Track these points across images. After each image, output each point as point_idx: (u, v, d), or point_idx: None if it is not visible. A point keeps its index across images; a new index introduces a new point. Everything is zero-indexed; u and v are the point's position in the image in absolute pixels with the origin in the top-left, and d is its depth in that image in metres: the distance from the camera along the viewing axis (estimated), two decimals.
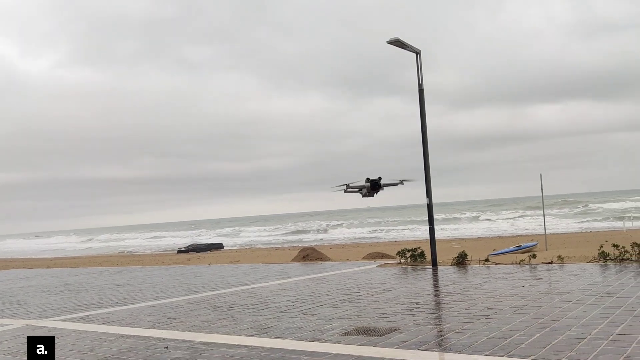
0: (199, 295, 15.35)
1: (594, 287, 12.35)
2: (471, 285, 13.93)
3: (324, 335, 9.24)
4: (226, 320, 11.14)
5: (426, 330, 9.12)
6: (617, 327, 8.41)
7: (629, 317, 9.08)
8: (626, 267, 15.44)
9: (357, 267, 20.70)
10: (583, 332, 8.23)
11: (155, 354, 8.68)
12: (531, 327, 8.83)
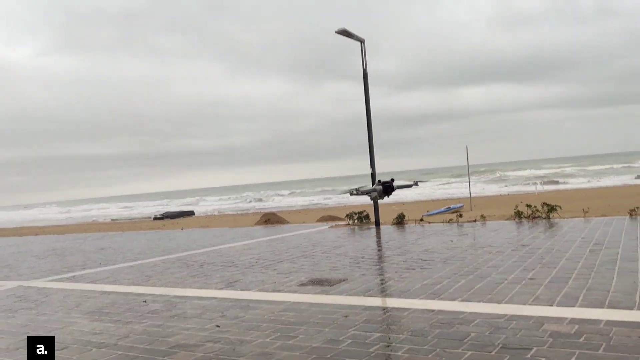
0: (173, 255, 15.23)
1: (511, 241, 12.71)
2: (408, 241, 14.18)
3: (283, 286, 9.31)
4: (197, 277, 11.11)
5: (370, 280, 9.28)
6: (529, 273, 8.71)
7: (539, 264, 9.40)
8: (537, 224, 15.92)
9: (311, 228, 20.81)
10: (501, 278, 8.50)
11: (135, 307, 8.62)
12: (458, 274, 9.07)
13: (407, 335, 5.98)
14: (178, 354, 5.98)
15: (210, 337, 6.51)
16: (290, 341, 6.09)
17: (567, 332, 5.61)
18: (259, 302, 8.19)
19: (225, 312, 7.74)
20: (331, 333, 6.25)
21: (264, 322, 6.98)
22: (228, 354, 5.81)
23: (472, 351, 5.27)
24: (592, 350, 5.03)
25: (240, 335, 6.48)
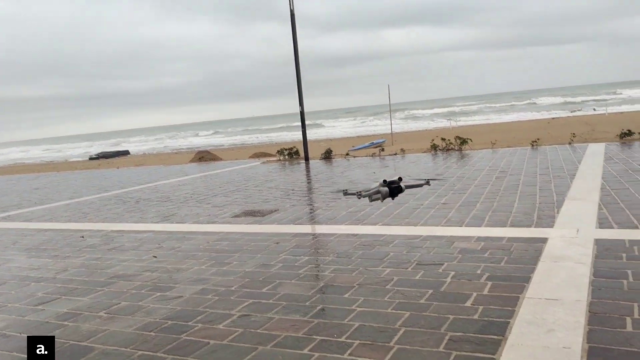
0: (109, 193, 14.79)
1: (427, 171, 13.10)
2: (335, 174, 14.35)
3: (217, 218, 9.27)
4: (134, 212, 10.87)
5: (300, 210, 9.38)
6: (442, 199, 9.05)
7: (451, 191, 9.77)
8: (450, 155, 16.46)
9: (244, 164, 20.66)
10: (418, 204, 8.79)
11: (73, 242, 8.37)
12: (379, 202, 9.29)
13: (333, 257, 6.13)
14: (116, 283, 5.89)
15: (147, 267, 6.44)
16: (225, 267, 6.11)
17: (474, 249, 5.92)
18: (194, 234, 8.14)
19: (161, 244, 7.65)
20: (263, 258, 6.32)
21: (199, 252, 6.96)
22: (165, 282, 5.78)
23: (391, 268, 5.48)
24: (495, 263, 5.34)
25: (176, 264, 6.45)
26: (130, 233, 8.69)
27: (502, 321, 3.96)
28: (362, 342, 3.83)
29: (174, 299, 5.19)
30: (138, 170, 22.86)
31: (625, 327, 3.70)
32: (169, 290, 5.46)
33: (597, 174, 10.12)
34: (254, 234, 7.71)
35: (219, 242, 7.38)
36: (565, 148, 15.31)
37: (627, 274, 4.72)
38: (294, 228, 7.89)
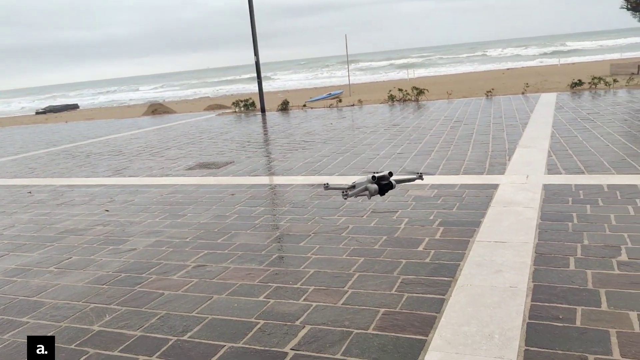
0: (57, 147, 14.31)
1: (384, 121, 13.16)
2: (292, 125, 14.26)
3: (171, 171, 9.12)
4: (84, 167, 10.57)
5: (256, 161, 9.31)
6: (398, 149, 9.13)
7: (407, 141, 9.86)
8: (407, 106, 16.55)
9: (199, 117, 20.27)
10: (374, 154, 8.85)
11: (19, 198, 8.11)
12: (336, 153, 9.32)
13: (289, 207, 6.14)
14: (67, 238, 5.77)
15: (99, 221, 6.32)
16: (179, 219, 6.05)
17: (428, 196, 6.03)
18: (148, 187, 8.00)
19: (114, 198, 7.50)
20: (218, 210, 6.28)
21: (153, 204, 6.86)
22: (118, 235, 5.69)
23: (347, 216, 5.54)
24: (448, 210, 5.46)
25: (129, 218, 6.35)
26: (80, 187, 8.48)
27: (453, 264, 4.08)
28: (317, 287, 3.89)
29: (127, 252, 5.13)
30: (88, 124, 22.16)
31: (569, 266, 3.87)
32: (122, 244, 5.39)
33: (548, 123, 10.38)
34: (208, 186, 7.63)
35: (172, 195, 7.29)
36: (519, 98, 15.59)
37: (573, 217, 4.91)
38: (250, 179, 7.85)
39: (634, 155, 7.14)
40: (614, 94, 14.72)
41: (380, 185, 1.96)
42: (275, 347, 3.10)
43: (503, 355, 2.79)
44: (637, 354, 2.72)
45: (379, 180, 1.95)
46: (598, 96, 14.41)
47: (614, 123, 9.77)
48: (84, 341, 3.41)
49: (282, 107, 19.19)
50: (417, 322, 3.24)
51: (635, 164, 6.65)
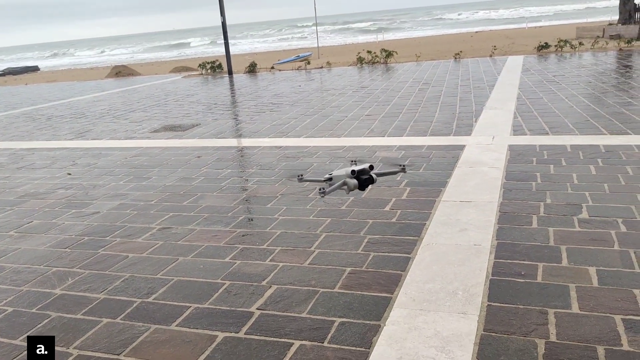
0: (17, 110, 13.83)
1: (352, 84, 13.06)
2: (259, 88, 14.04)
3: (135, 134, 8.91)
4: (45, 129, 10.25)
5: (222, 124, 9.16)
6: (366, 110, 9.09)
7: (375, 103, 9.82)
8: (376, 68, 16.45)
9: (164, 79, 19.79)
10: (342, 116, 8.79)
11: None
12: (304, 115, 9.23)
13: (256, 169, 6.08)
14: (27, 202, 5.61)
15: (61, 185, 6.15)
16: (144, 182, 5.94)
17: (395, 157, 6.03)
18: (111, 150, 7.81)
19: (76, 161, 7.30)
20: (184, 172, 6.18)
21: (117, 168, 6.71)
22: (80, 198, 5.55)
23: None
24: (415, 170, 5.48)
25: (92, 181, 6.19)
26: (41, 151, 8.23)
27: (419, 223, 4.11)
28: (283, 248, 3.87)
29: (90, 215, 5.01)
30: (49, 87, 21.44)
31: (532, 224, 3.93)
32: (85, 207, 5.26)
33: (515, 85, 10.45)
34: (174, 149, 7.49)
35: (137, 158, 7.13)
36: (487, 60, 15.64)
37: (536, 177, 4.98)
38: (217, 142, 7.73)
39: (597, 116, 7.26)
40: (580, 56, 14.88)
41: (360, 180, 1.84)
42: (242, 307, 3.08)
43: (466, 310, 2.84)
44: (595, 308, 2.79)
45: (358, 174, 1.82)
46: (564, 59, 14.55)
47: (579, 85, 9.90)
48: (45, 305, 3.34)
49: (249, 69, 18.86)
50: (382, 281, 3.26)
51: (597, 125, 6.76)
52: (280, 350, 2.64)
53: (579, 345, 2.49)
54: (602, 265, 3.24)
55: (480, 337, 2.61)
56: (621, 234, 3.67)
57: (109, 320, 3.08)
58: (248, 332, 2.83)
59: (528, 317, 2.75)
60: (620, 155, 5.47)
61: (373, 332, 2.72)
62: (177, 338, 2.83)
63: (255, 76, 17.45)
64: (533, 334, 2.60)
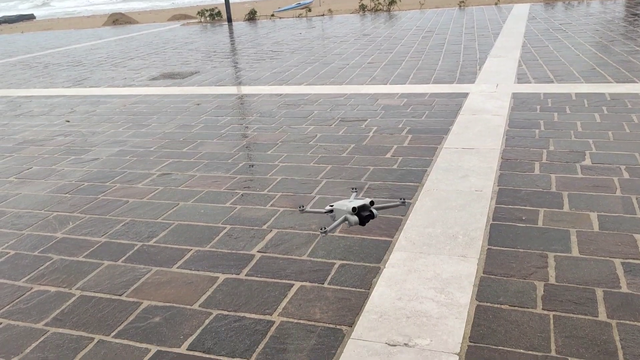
0: (13, 58, 13.62)
1: (354, 31, 12.81)
2: (259, 35, 13.78)
3: (133, 81, 8.79)
4: (42, 77, 10.12)
5: (222, 71, 9.03)
6: (368, 58, 8.94)
7: (377, 50, 9.65)
8: (379, 16, 16.09)
9: (163, 27, 19.41)
10: (344, 64, 8.65)
11: None
12: (305, 62, 9.08)
13: (256, 116, 6.01)
14: (27, 149, 5.58)
15: (60, 132, 6.11)
16: (143, 129, 5.89)
17: (397, 105, 5.95)
18: (110, 97, 7.72)
19: (74, 108, 7.22)
20: (183, 120, 6.12)
21: (115, 115, 6.64)
22: (80, 145, 5.52)
23: (315, 125, 5.46)
24: (417, 118, 5.42)
25: (91, 128, 6.15)
26: (39, 98, 8.14)
27: (420, 170, 4.09)
28: (284, 194, 3.86)
29: (89, 161, 4.99)
30: (46, 35, 21.06)
31: (534, 170, 3.91)
32: (84, 154, 5.24)
33: (520, 33, 10.23)
34: (173, 96, 7.40)
35: (136, 105, 7.05)
36: (492, 8, 15.28)
37: (540, 124, 4.92)
38: (216, 89, 7.63)
39: (603, 64, 7.13)
40: (588, 4, 14.53)
41: (361, 216, 1.82)
42: (242, 250, 3.10)
43: (466, 254, 2.85)
44: (595, 252, 2.80)
45: (359, 211, 1.79)
46: (571, 7, 14.20)
47: (586, 33, 9.69)
48: (47, 248, 3.36)
49: (249, 17, 18.47)
50: (382, 225, 3.26)
51: (604, 73, 6.65)
52: (281, 291, 2.66)
53: (577, 287, 2.51)
54: (603, 211, 3.24)
55: (479, 279, 2.62)
56: (624, 180, 3.65)
57: (111, 263, 3.10)
58: (249, 273, 2.85)
59: (528, 261, 2.76)
60: (626, 103, 5.39)
61: (373, 274, 2.74)
62: (179, 279, 2.85)
63: (255, 24, 17.10)
64: (532, 277, 2.61)
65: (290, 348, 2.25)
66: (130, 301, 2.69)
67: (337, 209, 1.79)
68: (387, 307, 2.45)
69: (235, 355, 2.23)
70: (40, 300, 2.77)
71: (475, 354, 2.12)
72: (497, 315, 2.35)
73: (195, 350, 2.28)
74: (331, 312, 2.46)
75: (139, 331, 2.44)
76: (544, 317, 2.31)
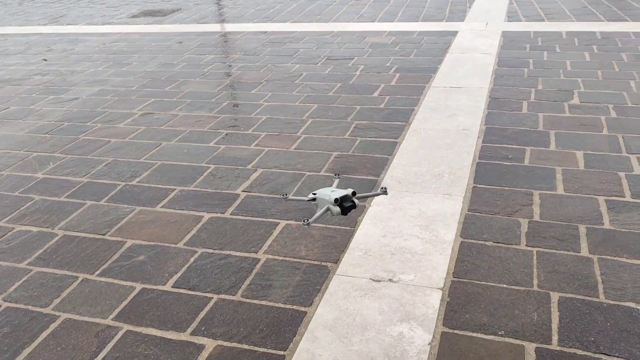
0: None
1: None
2: None
3: (113, 19, 8.49)
4: (17, 14, 9.73)
5: (205, 8, 8.74)
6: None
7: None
8: None
9: None
10: (330, 1, 8.40)
11: None
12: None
13: (240, 55, 5.87)
14: (3, 88, 5.42)
15: (37, 71, 5.93)
16: (124, 68, 5.73)
17: (385, 43, 5.83)
18: (88, 35, 7.47)
19: (51, 47, 6.99)
20: (165, 59, 5.96)
21: (95, 53, 6.44)
22: (59, 84, 5.37)
23: (300, 64, 5.34)
24: (405, 56, 5.32)
25: (70, 67, 5.97)
26: (14, 36, 7.85)
27: (407, 109, 4.04)
28: (269, 133, 3.81)
29: (69, 101, 4.87)
30: None
31: (521, 109, 3.88)
32: (64, 93, 5.10)
33: None
34: (154, 34, 7.17)
35: (116, 44, 6.84)
36: None
37: (529, 63, 4.86)
38: (199, 27, 7.40)
39: (595, 2, 7.00)
40: None
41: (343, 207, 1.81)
42: (227, 190, 3.07)
43: (451, 192, 2.85)
44: (580, 189, 2.82)
45: (341, 201, 1.77)
46: None
47: None
48: (27, 188, 3.31)
49: None
50: (369, 164, 3.24)
51: (595, 11, 6.53)
52: (267, 229, 2.66)
53: (561, 224, 2.53)
54: (589, 149, 3.24)
55: (464, 216, 2.63)
56: (611, 119, 3.64)
57: (93, 203, 3.06)
58: (234, 212, 2.83)
59: (513, 198, 2.77)
60: (617, 42, 5.32)
61: (358, 212, 2.74)
62: (163, 218, 2.83)
63: None
64: (517, 214, 2.63)
65: (276, 284, 2.26)
66: (114, 240, 2.68)
67: (320, 198, 1.80)
68: (372, 244, 2.46)
69: (221, 292, 2.24)
70: (22, 240, 2.74)
71: (458, 288, 2.15)
72: (481, 251, 2.37)
73: (180, 287, 2.29)
74: (316, 250, 2.46)
75: (123, 269, 2.44)
76: (528, 253, 2.34)
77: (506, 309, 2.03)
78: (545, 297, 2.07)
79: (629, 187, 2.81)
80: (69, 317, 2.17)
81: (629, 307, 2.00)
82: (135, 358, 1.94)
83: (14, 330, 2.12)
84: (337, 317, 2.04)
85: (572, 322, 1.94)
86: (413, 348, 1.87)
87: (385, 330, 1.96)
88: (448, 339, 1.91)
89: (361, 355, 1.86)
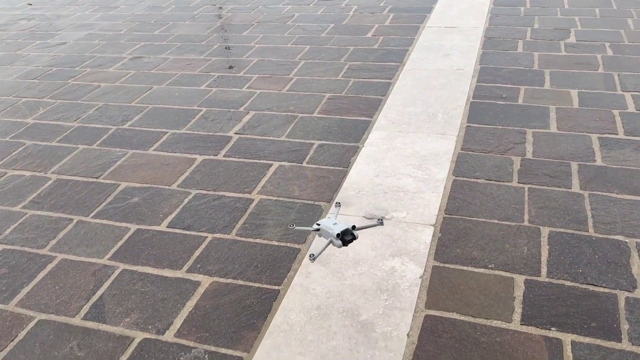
0: None
1: None
2: None
3: None
4: None
5: None
6: None
7: None
8: None
9: None
10: None
11: None
12: None
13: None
14: None
15: (23, 15, 5.78)
16: (111, 12, 5.59)
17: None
18: None
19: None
20: (153, 1, 5.81)
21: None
22: (45, 29, 5.25)
23: (292, 5, 5.21)
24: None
25: (56, 11, 5.81)
26: None
27: (401, 49, 3.98)
28: (261, 75, 3.76)
29: (56, 46, 4.77)
30: None
31: (517, 49, 3.83)
32: (50, 38, 4.99)
33: None
34: None
35: None
36: None
37: (525, 2, 4.76)
38: None
39: None
40: None
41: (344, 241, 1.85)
42: (220, 132, 3.06)
43: (445, 131, 2.84)
44: (573, 127, 2.81)
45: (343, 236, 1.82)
46: None
47: None
48: (18, 134, 3.28)
49: None
50: (362, 105, 3.22)
51: None
52: (260, 171, 2.66)
53: (553, 161, 2.54)
54: (584, 88, 3.22)
55: (457, 155, 2.64)
56: (607, 57, 3.60)
57: (85, 147, 3.05)
58: (227, 154, 2.83)
59: (506, 137, 2.77)
60: None
61: (351, 153, 2.74)
62: (155, 161, 2.83)
63: None
64: (510, 152, 2.63)
65: (270, 223, 2.29)
66: (107, 183, 2.68)
67: (324, 230, 1.90)
68: (365, 183, 2.47)
69: (216, 231, 2.26)
70: (15, 185, 2.74)
71: (450, 225, 2.18)
72: (473, 188, 2.39)
73: (175, 227, 2.31)
74: (310, 190, 2.48)
75: (117, 211, 2.45)
76: (519, 189, 2.36)
77: (497, 243, 2.06)
78: (536, 232, 2.10)
79: (622, 124, 2.81)
80: (65, 257, 2.20)
81: (617, 239, 2.04)
82: (132, 295, 1.97)
83: (12, 271, 2.15)
84: (330, 254, 2.07)
85: (561, 255, 1.98)
86: (405, 281, 1.91)
87: (378, 265, 1.99)
88: (439, 273, 1.95)
89: (354, 288, 1.90)
